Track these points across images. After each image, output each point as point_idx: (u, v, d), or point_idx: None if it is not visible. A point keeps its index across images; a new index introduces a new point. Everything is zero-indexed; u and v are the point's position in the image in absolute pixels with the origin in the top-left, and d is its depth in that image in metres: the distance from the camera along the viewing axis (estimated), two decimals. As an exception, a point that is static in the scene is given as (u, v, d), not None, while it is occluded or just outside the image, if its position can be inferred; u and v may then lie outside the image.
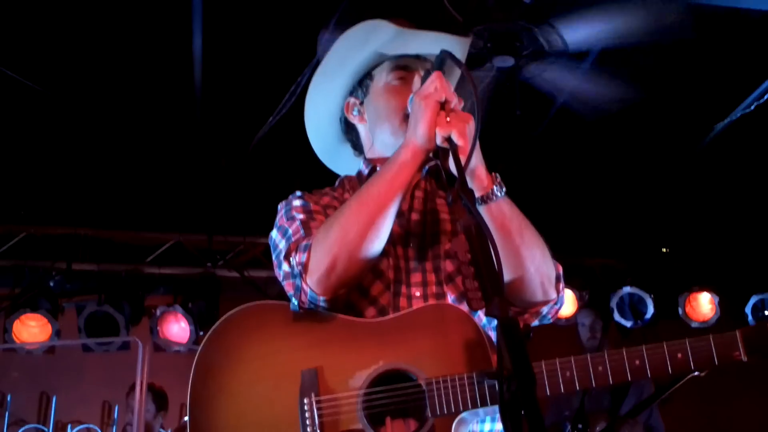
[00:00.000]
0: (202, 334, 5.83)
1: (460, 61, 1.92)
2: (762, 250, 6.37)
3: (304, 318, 1.87)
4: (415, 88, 1.94)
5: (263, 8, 4.16)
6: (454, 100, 1.81)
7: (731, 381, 4.45)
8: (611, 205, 6.04)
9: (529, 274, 1.83)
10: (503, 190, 1.80)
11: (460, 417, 1.71)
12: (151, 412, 5.60)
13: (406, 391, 1.74)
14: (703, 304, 6.46)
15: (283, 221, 2.00)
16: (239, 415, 1.82)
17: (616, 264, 6.69)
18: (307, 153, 2.31)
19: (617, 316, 6.54)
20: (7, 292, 6.03)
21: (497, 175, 1.82)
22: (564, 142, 5.13)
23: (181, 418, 6.06)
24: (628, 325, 6.58)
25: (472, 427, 1.82)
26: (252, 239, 6.31)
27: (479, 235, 1.48)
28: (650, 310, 6.39)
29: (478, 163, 1.78)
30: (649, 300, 6.37)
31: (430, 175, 2.10)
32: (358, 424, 1.74)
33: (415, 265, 1.94)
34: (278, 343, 1.87)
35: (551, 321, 1.97)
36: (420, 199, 2.04)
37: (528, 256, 1.81)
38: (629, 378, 1.69)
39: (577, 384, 1.69)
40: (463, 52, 2.15)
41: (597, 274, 6.59)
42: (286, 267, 1.87)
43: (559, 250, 1.98)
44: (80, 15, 4.14)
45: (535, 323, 1.95)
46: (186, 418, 1.87)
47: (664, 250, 6.69)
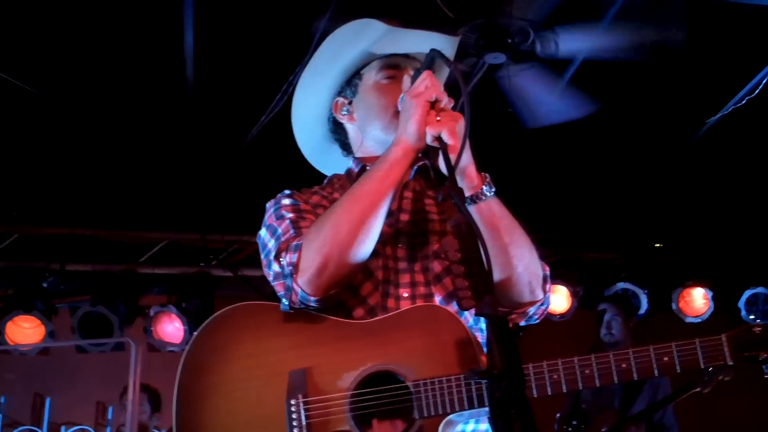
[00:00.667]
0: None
1: (450, 60, 1.92)
2: (755, 245, 6.39)
3: (294, 318, 1.86)
4: (404, 86, 1.93)
5: (255, 5, 4.15)
6: (445, 99, 1.82)
7: (731, 380, 4.45)
8: (605, 201, 6.04)
9: (518, 273, 1.83)
10: (493, 190, 1.80)
11: (447, 419, 1.71)
12: (147, 413, 5.57)
13: (394, 393, 1.74)
14: (697, 299, 6.46)
15: (272, 220, 1.99)
16: (229, 414, 1.82)
17: (610, 259, 6.69)
18: (300, 152, 2.31)
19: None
20: (0, 294, 6.00)
21: (487, 175, 1.82)
22: (557, 138, 5.13)
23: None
24: (623, 320, 6.59)
25: (459, 429, 1.81)
26: (247, 238, 6.29)
27: (469, 234, 1.48)
28: (644, 305, 6.39)
29: (468, 162, 1.78)
30: (643, 295, 6.37)
31: (419, 175, 2.10)
32: (346, 426, 1.74)
33: (405, 266, 1.93)
34: (268, 343, 1.86)
35: (538, 321, 1.98)
36: (409, 200, 2.04)
37: (517, 255, 1.81)
38: (615, 381, 1.71)
39: (564, 387, 1.71)
40: (453, 50, 2.15)
41: (591, 270, 6.59)
42: (276, 267, 1.86)
43: (553, 246, 1.99)
44: (71, 12, 4.11)
45: (522, 323, 1.95)
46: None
47: (657, 246, 6.70)
